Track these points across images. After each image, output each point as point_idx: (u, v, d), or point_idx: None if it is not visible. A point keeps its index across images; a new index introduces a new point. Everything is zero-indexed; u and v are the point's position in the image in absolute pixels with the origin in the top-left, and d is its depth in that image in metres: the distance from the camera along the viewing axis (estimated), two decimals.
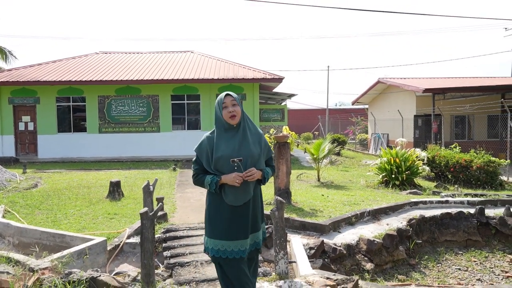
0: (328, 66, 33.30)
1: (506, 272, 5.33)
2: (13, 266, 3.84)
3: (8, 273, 3.64)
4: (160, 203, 4.05)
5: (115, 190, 7.82)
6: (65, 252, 3.88)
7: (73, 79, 15.87)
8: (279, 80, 16.47)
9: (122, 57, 19.80)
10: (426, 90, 15.70)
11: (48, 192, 8.52)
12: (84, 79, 15.90)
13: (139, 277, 3.53)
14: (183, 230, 5.28)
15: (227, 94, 2.69)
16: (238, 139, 2.61)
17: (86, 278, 3.22)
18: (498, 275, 5.26)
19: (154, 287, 3.41)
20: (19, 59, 41.98)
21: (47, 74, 16.39)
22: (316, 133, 29.96)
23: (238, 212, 2.59)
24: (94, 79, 15.88)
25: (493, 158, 10.17)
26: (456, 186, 9.78)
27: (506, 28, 31.30)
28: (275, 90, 19.51)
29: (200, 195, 8.34)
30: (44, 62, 18.40)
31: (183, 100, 16.69)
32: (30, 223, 5.91)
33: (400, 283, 4.50)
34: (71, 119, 16.53)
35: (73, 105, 16.57)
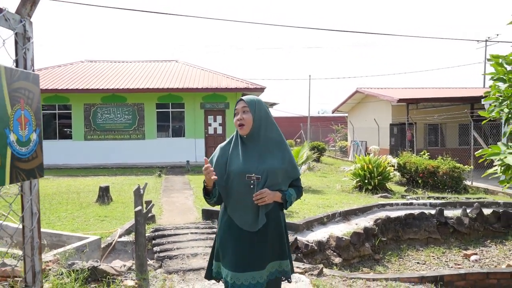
0: (310, 75, 34.23)
1: (458, 265, 6.02)
2: (18, 261, 4.31)
3: (15, 266, 4.11)
4: (152, 203, 4.58)
5: (104, 194, 8.27)
6: (68, 247, 4.38)
7: (59, 87, 16.18)
8: (261, 89, 17.13)
9: (107, 66, 20.18)
10: (400, 100, 16.55)
11: (45, 195, 8.91)
12: (70, 87, 16.23)
13: (133, 267, 4.05)
14: (170, 229, 5.81)
15: (240, 100, 2.28)
16: (257, 152, 2.21)
17: (88, 267, 3.73)
18: (451, 267, 5.94)
19: (147, 275, 3.94)
20: None
21: None
22: (298, 140, 30.72)
23: (251, 238, 2.16)
24: (80, 88, 16.23)
25: (458, 165, 10.99)
26: (423, 190, 10.54)
27: (478, 41, 32.86)
28: None
29: (184, 199, 8.86)
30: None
31: (167, 109, 17.17)
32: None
33: (360, 272, 5.12)
34: (56, 126, 16.81)
35: (58, 112, 16.87)
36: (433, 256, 6.48)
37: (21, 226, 4.77)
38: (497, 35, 31.13)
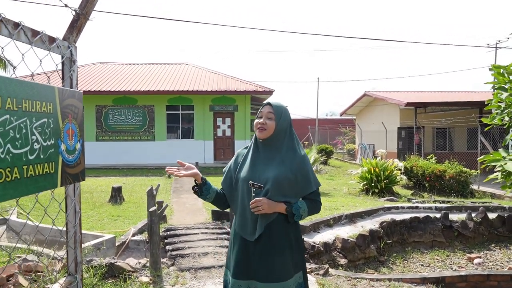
0: (318, 78, 34.37)
1: (462, 268, 6.14)
2: (38, 257, 4.55)
3: (35, 261, 4.34)
4: (166, 204, 4.79)
5: (116, 194, 8.51)
6: (86, 244, 4.60)
7: None
8: (270, 92, 17.35)
9: (119, 68, 20.53)
10: (408, 104, 16.64)
11: (49, 195, 9.17)
12: (82, 89, 16.57)
13: (148, 264, 4.26)
14: (181, 229, 6.02)
15: (267, 103, 2.21)
16: (268, 160, 2.14)
17: (106, 264, 3.94)
18: (455, 270, 6.06)
19: (160, 272, 4.15)
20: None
21: None
22: (306, 142, 30.87)
23: (250, 247, 2.10)
24: (91, 89, 16.58)
25: (465, 169, 11.06)
26: (430, 194, 10.65)
27: (488, 44, 32.72)
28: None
29: (194, 200, 9.07)
30: (42, 72, 19.01)
31: (177, 111, 17.45)
32: (42, 223, 6.59)
33: (365, 273, 5.28)
34: None
35: None
36: (437, 259, 6.61)
37: (42, 225, 5.02)
38: (508, 38, 30.92)
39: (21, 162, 1.23)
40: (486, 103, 4.48)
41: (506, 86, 4.05)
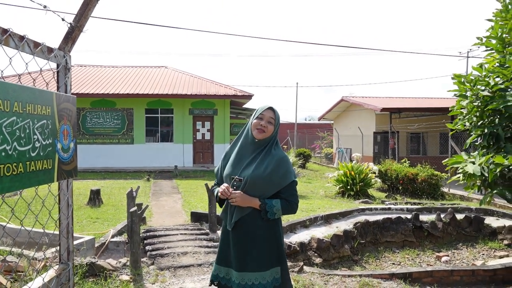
0: (297, 83, 34.82)
1: (431, 265, 6.46)
2: (17, 258, 4.58)
3: (15, 262, 4.38)
4: (146, 205, 4.91)
5: (95, 197, 8.52)
6: None
7: None
8: (249, 97, 17.55)
9: (97, 70, 20.37)
10: (384, 109, 17.15)
11: (29, 199, 9.10)
12: None
13: (128, 264, 4.37)
14: (160, 230, 6.13)
15: (270, 108, 2.36)
16: (253, 159, 2.32)
17: (87, 263, 4.04)
18: (423, 267, 6.37)
19: (140, 271, 4.26)
20: None
21: None
22: (285, 146, 31.19)
23: (229, 237, 2.32)
24: None
25: (436, 172, 11.51)
26: (403, 196, 11.04)
27: (460, 53, 33.88)
28: (245, 106, 20.61)
29: (173, 203, 9.16)
30: (19, 74, 18.67)
31: (156, 114, 17.45)
32: (20, 226, 6.57)
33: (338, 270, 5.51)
34: None
35: None
36: (408, 258, 6.92)
37: (20, 227, 5.08)
38: (478, 47, 32.14)
39: (25, 158, 1.37)
40: (449, 109, 4.79)
41: (467, 94, 4.37)
